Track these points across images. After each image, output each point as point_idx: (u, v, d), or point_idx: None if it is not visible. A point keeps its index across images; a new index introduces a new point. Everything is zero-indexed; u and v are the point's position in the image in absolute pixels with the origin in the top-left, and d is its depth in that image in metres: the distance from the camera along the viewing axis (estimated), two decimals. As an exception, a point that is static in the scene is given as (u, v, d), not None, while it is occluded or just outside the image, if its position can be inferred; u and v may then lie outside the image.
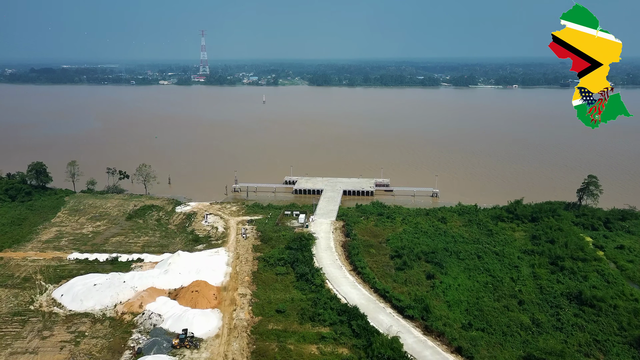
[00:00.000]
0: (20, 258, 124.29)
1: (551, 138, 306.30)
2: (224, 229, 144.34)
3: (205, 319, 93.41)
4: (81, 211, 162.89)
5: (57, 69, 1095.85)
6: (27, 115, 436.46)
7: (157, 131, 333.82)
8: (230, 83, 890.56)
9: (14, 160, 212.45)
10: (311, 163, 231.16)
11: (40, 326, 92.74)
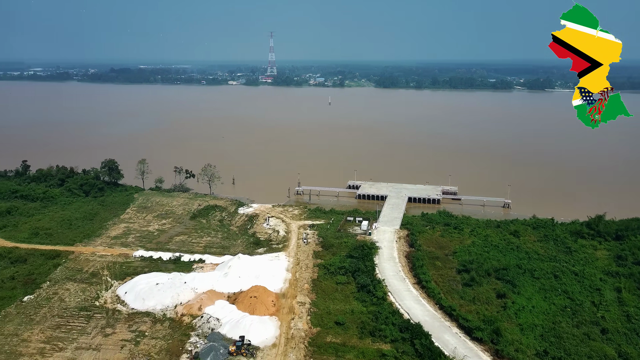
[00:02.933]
0: (90, 253, 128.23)
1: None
2: (285, 232, 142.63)
3: (263, 326, 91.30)
4: (148, 208, 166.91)
5: (134, 69, 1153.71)
6: (103, 113, 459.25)
7: (224, 131, 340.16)
8: (296, 84, 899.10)
9: (89, 156, 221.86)
10: (376, 167, 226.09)
11: (104, 323, 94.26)
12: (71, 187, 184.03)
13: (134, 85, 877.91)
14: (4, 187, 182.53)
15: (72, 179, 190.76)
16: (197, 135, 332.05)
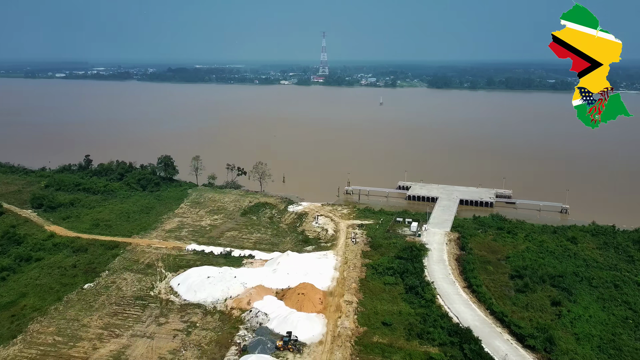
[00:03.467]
0: (146, 245, 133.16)
1: None
2: (333, 231, 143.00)
3: (310, 323, 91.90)
4: (201, 204, 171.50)
5: (190, 68, 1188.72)
6: (161, 111, 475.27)
7: (276, 130, 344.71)
8: (348, 84, 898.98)
9: (147, 152, 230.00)
10: (427, 169, 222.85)
11: (158, 312, 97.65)
12: (129, 181, 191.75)
13: (189, 85, 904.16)
14: (68, 180, 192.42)
15: (131, 173, 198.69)
16: (249, 133, 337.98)
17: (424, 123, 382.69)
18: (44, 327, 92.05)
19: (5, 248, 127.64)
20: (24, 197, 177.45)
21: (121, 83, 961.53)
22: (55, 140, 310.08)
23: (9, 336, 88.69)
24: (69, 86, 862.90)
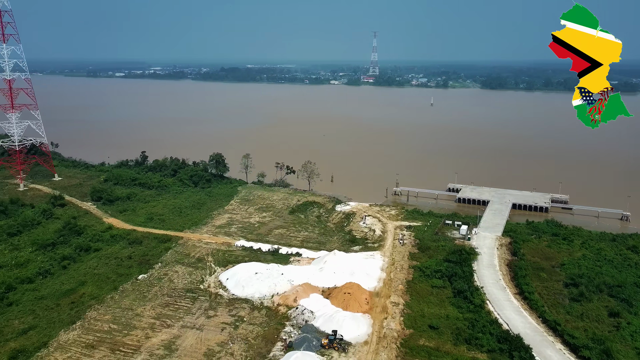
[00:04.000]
0: (197, 240, 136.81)
1: None
2: (381, 232, 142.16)
3: (355, 323, 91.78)
4: (250, 201, 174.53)
5: (242, 68, 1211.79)
6: (213, 109, 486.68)
7: (325, 129, 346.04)
8: (398, 84, 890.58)
9: (199, 149, 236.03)
10: (478, 171, 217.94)
11: (207, 305, 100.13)
12: (182, 177, 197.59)
13: (241, 84, 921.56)
14: (125, 174, 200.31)
15: (184, 170, 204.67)
16: (298, 132, 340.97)
17: (476, 124, 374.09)
18: (101, 314, 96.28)
19: (66, 238, 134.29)
20: (84, 190, 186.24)
21: (176, 82, 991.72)
22: (114, 136, 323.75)
23: (69, 322, 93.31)
24: (127, 85, 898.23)
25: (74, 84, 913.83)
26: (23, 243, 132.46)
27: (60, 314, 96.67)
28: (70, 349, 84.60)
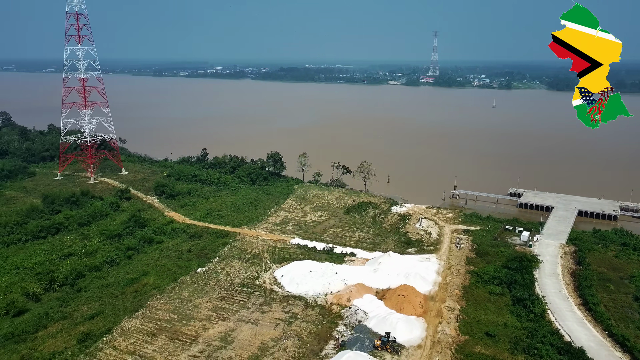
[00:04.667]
0: (253, 236, 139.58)
1: None
2: (437, 235, 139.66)
3: (409, 326, 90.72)
4: (306, 200, 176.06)
5: (301, 68, 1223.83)
6: (272, 108, 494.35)
7: (382, 130, 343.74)
8: (459, 85, 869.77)
9: (257, 148, 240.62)
10: (542, 176, 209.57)
11: (262, 301, 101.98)
12: (240, 175, 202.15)
13: (299, 83, 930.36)
14: (187, 171, 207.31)
15: (242, 167, 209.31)
16: (355, 132, 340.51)
17: (541, 127, 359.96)
18: (162, 304, 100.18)
19: (131, 230, 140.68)
20: (148, 184, 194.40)
21: (237, 81, 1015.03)
22: (177, 133, 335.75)
23: (132, 309, 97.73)
24: (190, 84, 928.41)
25: (141, 82, 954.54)
26: (92, 233, 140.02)
27: (125, 301, 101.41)
28: (132, 336, 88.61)
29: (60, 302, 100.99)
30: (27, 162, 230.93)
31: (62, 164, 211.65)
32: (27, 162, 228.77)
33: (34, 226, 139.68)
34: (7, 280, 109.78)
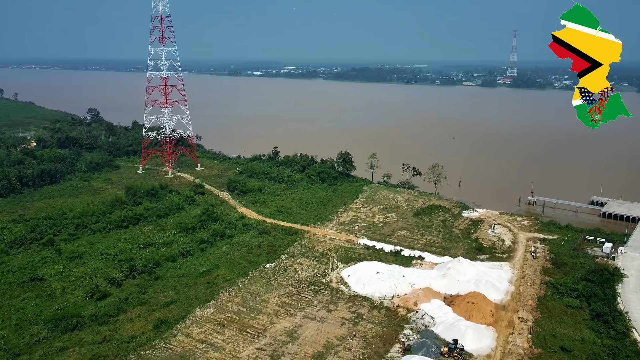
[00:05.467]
0: (321, 235, 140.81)
1: None
2: (511, 242, 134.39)
3: (478, 334, 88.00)
4: (375, 201, 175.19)
5: (372, 68, 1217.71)
6: (343, 108, 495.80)
7: (454, 132, 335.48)
8: (539, 86, 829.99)
9: (327, 147, 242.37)
10: (628, 185, 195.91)
11: (328, 299, 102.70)
12: (310, 173, 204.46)
13: (371, 84, 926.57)
14: (258, 168, 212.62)
15: (312, 166, 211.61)
16: (427, 134, 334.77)
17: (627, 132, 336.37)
18: (232, 296, 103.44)
19: (205, 223, 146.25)
20: (222, 180, 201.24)
21: (309, 81, 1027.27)
22: (249, 131, 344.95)
23: (204, 300, 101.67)
24: (263, 83, 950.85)
25: (217, 82, 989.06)
26: (169, 225, 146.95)
27: (197, 292, 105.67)
28: (204, 325, 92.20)
29: (139, 289, 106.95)
30: (113, 155, 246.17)
31: (144, 159, 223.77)
32: (112, 156, 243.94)
33: (118, 216, 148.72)
34: (92, 265, 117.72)
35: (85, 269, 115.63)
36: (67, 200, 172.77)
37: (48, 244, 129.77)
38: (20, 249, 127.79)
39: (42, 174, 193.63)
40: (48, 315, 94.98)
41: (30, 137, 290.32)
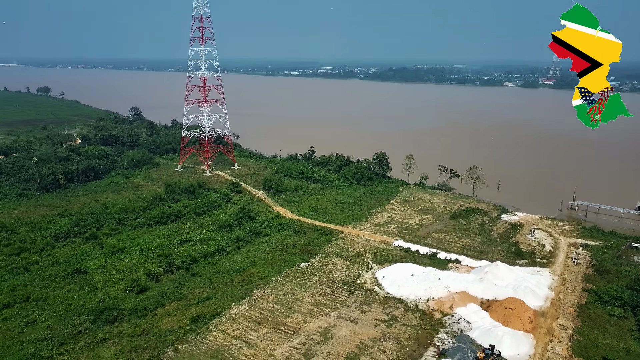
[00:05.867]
0: (356, 235, 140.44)
1: None
2: (551, 248, 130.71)
3: (516, 341, 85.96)
4: (411, 202, 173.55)
5: (410, 68, 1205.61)
6: (379, 109, 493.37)
7: (493, 134, 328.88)
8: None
9: (363, 148, 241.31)
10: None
11: (362, 300, 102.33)
12: (346, 174, 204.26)
13: (408, 84, 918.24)
14: (294, 167, 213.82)
15: (348, 167, 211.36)
16: (464, 135, 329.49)
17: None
18: (266, 294, 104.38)
19: (241, 221, 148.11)
20: (258, 179, 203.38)
21: (345, 81, 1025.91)
22: (285, 131, 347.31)
23: (239, 297, 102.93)
24: (300, 83, 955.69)
25: (255, 81, 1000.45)
26: (206, 222, 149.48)
27: (233, 289, 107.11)
28: (239, 321, 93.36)
29: (176, 284, 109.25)
30: (153, 153, 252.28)
31: (182, 157, 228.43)
32: (152, 154, 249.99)
33: (157, 212, 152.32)
34: (132, 260, 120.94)
35: (125, 263, 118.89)
36: (109, 196, 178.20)
37: (91, 238, 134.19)
38: (65, 242, 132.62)
39: (86, 170, 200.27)
40: (90, 307, 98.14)
41: (75, 134, 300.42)
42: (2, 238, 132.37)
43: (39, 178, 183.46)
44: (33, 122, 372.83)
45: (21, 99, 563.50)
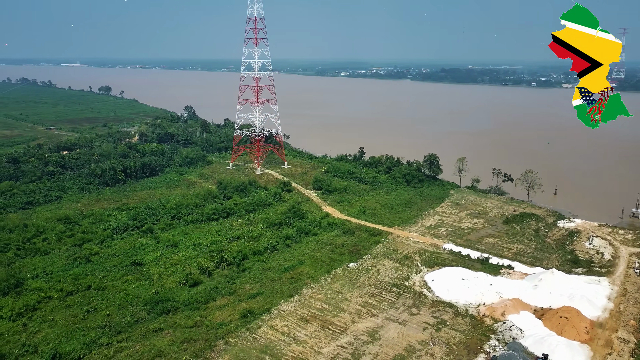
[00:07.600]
0: (405, 237, 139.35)
1: None
2: (611, 257, 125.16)
3: (571, 351, 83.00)
4: (462, 206, 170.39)
5: (463, 69, 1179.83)
6: (431, 110, 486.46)
7: (550, 137, 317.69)
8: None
9: (414, 149, 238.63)
10: None
11: (410, 302, 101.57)
12: (396, 175, 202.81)
13: (461, 85, 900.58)
14: (344, 168, 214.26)
15: (397, 168, 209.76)
16: (519, 138, 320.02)
17: None
18: (315, 293, 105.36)
19: (290, 220, 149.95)
20: (307, 179, 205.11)
21: (396, 82, 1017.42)
22: (335, 131, 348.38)
23: (288, 294, 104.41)
24: (350, 83, 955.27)
25: (305, 82, 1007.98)
26: (256, 220, 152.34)
27: (282, 286, 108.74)
28: (287, 318, 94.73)
29: (227, 279, 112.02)
30: (206, 151, 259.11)
31: (234, 155, 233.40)
32: (205, 152, 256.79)
33: (209, 209, 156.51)
34: (186, 254, 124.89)
35: (179, 257, 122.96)
36: (165, 192, 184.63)
37: (147, 232, 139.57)
38: (124, 235, 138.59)
39: (144, 166, 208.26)
40: (146, 297, 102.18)
41: (133, 132, 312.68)
42: (67, 229, 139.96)
43: (100, 173, 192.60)
44: (94, 120, 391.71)
45: (84, 98, 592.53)
